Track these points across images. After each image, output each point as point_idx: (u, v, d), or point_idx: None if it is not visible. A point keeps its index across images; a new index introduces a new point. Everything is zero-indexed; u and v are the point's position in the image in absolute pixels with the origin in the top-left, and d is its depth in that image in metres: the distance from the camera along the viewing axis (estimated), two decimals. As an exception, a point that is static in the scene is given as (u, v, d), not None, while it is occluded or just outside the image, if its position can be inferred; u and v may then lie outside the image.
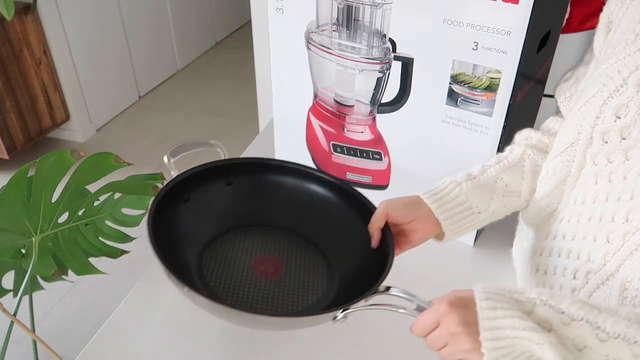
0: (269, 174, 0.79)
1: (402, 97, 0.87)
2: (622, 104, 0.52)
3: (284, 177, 0.79)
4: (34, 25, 2.36)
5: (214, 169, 0.78)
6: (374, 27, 0.83)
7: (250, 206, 0.79)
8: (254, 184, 0.79)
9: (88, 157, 0.99)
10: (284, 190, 0.79)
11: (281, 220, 0.79)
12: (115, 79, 2.90)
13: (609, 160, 0.55)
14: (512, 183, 0.68)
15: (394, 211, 0.66)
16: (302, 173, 0.79)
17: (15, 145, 2.43)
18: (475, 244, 0.93)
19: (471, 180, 0.67)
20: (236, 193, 0.78)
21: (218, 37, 3.83)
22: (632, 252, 0.52)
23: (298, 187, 0.79)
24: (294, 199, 0.79)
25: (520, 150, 0.70)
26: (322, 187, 0.78)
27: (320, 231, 0.77)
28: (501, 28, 0.72)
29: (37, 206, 0.96)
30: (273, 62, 0.99)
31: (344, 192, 0.76)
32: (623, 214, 0.54)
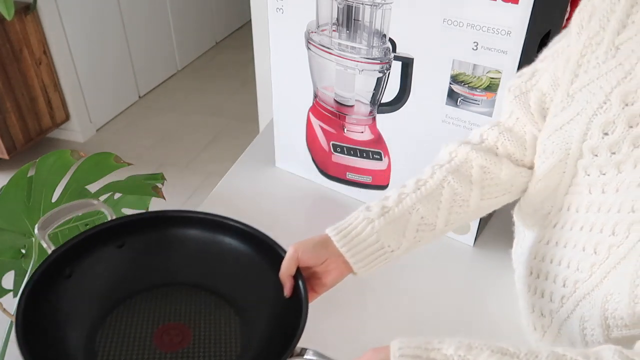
0: (167, 227, 0.72)
1: (402, 97, 0.87)
2: (609, 121, 0.51)
3: (185, 229, 0.72)
4: (34, 25, 2.36)
5: (100, 233, 0.68)
6: (374, 27, 0.83)
7: (149, 267, 0.71)
8: (150, 241, 0.71)
9: (88, 157, 0.99)
10: (187, 244, 0.72)
11: (186, 277, 0.71)
12: (115, 79, 2.90)
13: (602, 172, 0.54)
14: (428, 215, 0.62)
15: (304, 254, 0.62)
16: (206, 222, 0.72)
17: (15, 145, 2.43)
18: (475, 244, 0.93)
19: (384, 215, 0.62)
20: (130, 254, 0.70)
21: (218, 37, 3.83)
22: (616, 265, 0.52)
23: (203, 238, 0.72)
24: (199, 251, 0.71)
25: (441, 176, 0.63)
26: (229, 236, 0.71)
27: (230, 285, 0.70)
28: (501, 28, 0.72)
29: (37, 206, 0.96)
30: (273, 62, 0.99)
31: (254, 239, 0.70)
32: (610, 226, 0.53)
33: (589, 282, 0.55)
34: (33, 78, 2.43)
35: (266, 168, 1.12)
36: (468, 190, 0.63)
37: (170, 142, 2.76)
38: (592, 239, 0.56)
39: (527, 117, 0.63)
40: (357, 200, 1.02)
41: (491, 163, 0.63)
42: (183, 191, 2.39)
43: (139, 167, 2.46)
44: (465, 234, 0.93)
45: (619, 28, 0.52)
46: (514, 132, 0.65)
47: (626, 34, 0.51)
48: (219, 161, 2.59)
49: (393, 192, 0.64)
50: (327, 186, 1.06)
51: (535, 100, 0.61)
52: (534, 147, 0.64)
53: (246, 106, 2.98)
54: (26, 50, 2.35)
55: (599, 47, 0.53)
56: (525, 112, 0.63)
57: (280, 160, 1.12)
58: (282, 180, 1.10)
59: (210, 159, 2.62)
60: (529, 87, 0.63)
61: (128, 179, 1.04)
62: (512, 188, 0.65)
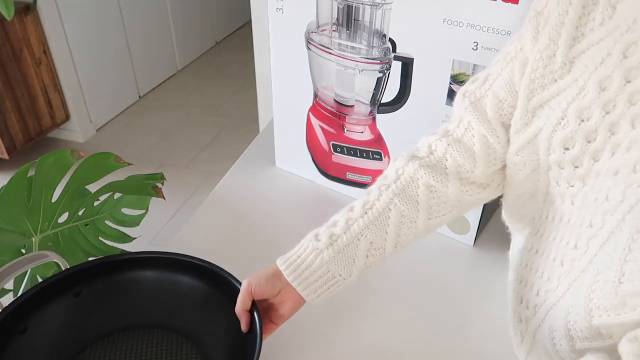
0: (122, 271, 0.71)
1: (402, 97, 0.87)
2: (567, 137, 0.51)
3: (141, 271, 0.72)
4: (34, 25, 2.36)
5: (54, 284, 0.68)
6: (374, 27, 0.83)
7: (107, 312, 0.71)
8: (107, 287, 0.71)
9: (88, 157, 0.99)
10: (144, 285, 0.72)
11: (146, 319, 0.72)
12: (115, 79, 2.90)
13: (570, 184, 0.54)
14: (376, 240, 0.62)
15: (257, 287, 0.63)
16: (161, 261, 0.72)
17: (15, 145, 2.43)
18: (475, 244, 0.93)
19: (333, 244, 0.61)
20: (88, 302, 0.70)
21: (218, 37, 3.83)
22: (576, 277, 0.52)
23: (158, 278, 0.72)
24: (156, 292, 0.72)
25: (387, 199, 0.62)
26: (184, 273, 0.71)
27: (190, 321, 0.71)
28: (501, 28, 0.72)
29: (37, 206, 0.96)
30: (273, 62, 0.99)
31: (209, 274, 0.70)
32: (574, 238, 0.53)
33: (555, 292, 0.56)
34: (33, 78, 2.43)
35: (266, 168, 1.12)
36: (415, 211, 0.62)
37: (170, 142, 2.76)
38: (560, 250, 0.56)
39: (484, 125, 0.60)
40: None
41: (438, 181, 0.61)
42: (183, 191, 2.39)
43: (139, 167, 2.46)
44: (465, 234, 0.93)
45: (570, 41, 0.51)
46: (462, 142, 0.62)
47: (578, 48, 0.50)
48: (219, 161, 2.59)
49: (341, 216, 0.63)
50: (327, 186, 1.06)
51: (492, 107, 0.59)
52: (484, 159, 0.61)
53: (246, 106, 2.98)
54: (26, 50, 2.35)
55: (552, 61, 0.52)
56: (481, 120, 0.60)
57: (280, 160, 1.12)
58: (282, 180, 1.10)
59: (210, 159, 2.62)
60: (483, 93, 0.61)
61: (128, 179, 1.04)
62: (459, 204, 0.64)
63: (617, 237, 0.47)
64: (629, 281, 0.45)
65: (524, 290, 0.63)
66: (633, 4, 0.47)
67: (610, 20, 0.48)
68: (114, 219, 1.11)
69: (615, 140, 0.48)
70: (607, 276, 0.47)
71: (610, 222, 0.48)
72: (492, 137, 0.60)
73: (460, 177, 0.62)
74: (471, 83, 0.63)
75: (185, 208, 2.30)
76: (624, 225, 0.46)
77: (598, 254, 0.50)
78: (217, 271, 0.69)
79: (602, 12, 0.49)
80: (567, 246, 0.55)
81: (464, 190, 0.62)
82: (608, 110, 0.48)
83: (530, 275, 0.62)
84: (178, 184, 2.43)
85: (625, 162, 0.47)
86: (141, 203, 1.11)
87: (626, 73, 0.47)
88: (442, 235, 0.94)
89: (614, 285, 0.46)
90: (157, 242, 2.11)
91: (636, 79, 0.46)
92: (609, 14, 0.48)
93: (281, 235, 0.95)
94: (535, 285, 0.60)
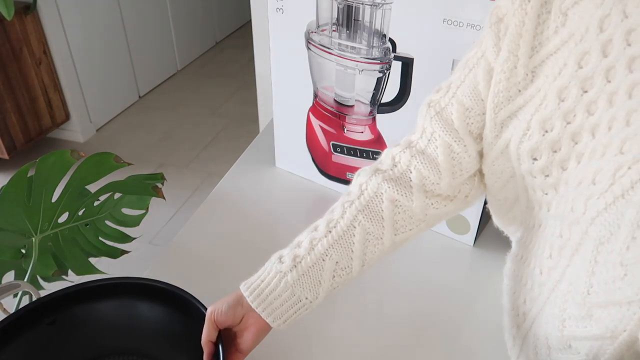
0: (87, 300, 0.71)
1: (402, 97, 0.87)
2: (534, 147, 0.51)
3: (104, 300, 0.71)
4: (34, 25, 2.36)
5: (27, 314, 0.67)
6: (374, 27, 0.83)
7: (78, 341, 0.71)
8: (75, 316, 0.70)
9: (88, 157, 0.99)
10: (105, 314, 0.71)
11: (115, 345, 0.72)
12: (115, 79, 2.90)
13: (544, 192, 0.54)
14: (342, 259, 0.60)
15: (219, 316, 0.61)
16: (124, 287, 0.71)
17: (15, 145, 2.43)
18: (475, 244, 0.93)
19: (297, 266, 0.59)
20: (59, 331, 0.70)
21: (218, 37, 3.83)
22: (554, 287, 0.52)
23: (121, 305, 0.71)
24: (121, 319, 0.71)
25: (351, 216, 0.60)
26: (149, 299, 0.71)
27: (159, 347, 0.71)
28: (501, 28, 0.72)
29: (37, 206, 0.96)
30: (273, 62, 0.99)
31: (174, 298, 0.69)
32: (548, 248, 0.53)
33: (538, 301, 0.56)
34: (33, 78, 2.43)
35: (266, 168, 1.12)
36: (380, 227, 0.60)
37: (170, 142, 2.76)
38: (539, 259, 0.56)
39: (450, 135, 0.58)
40: (357, 200, 1.02)
41: (402, 195, 0.60)
42: (183, 191, 2.39)
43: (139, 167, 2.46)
44: (465, 234, 0.93)
45: (529, 51, 0.50)
46: (426, 154, 0.60)
47: (538, 57, 0.50)
48: (219, 161, 2.59)
49: (305, 236, 0.61)
50: (327, 186, 1.06)
51: (458, 116, 0.58)
52: (448, 170, 0.59)
53: (246, 106, 2.98)
54: (26, 50, 2.35)
55: (514, 72, 0.51)
56: (447, 129, 0.58)
57: (280, 160, 1.12)
58: (282, 180, 1.10)
59: (210, 159, 2.62)
60: (447, 102, 0.59)
61: (128, 179, 1.04)
62: (426, 218, 0.62)
63: (584, 249, 0.47)
64: (595, 293, 0.45)
65: (513, 298, 0.63)
66: (584, 11, 0.46)
67: (563, 28, 0.48)
68: (114, 219, 1.11)
69: (578, 149, 0.47)
70: (577, 287, 0.47)
71: (576, 233, 0.48)
72: (459, 146, 0.58)
73: (425, 190, 0.60)
74: (435, 92, 0.61)
75: (185, 208, 2.30)
76: (587, 237, 0.46)
77: (570, 264, 0.50)
78: (181, 294, 0.68)
79: (555, 19, 0.48)
80: (543, 255, 0.55)
81: (429, 203, 0.61)
82: (569, 121, 0.48)
83: (517, 282, 0.62)
84: (178, 184, 2.43)
85: (586, 173, 0.46)
86: (141, 203, 1.11)
87: (582, 83, 0.46)
88: (442, 235, 0.94)
89: (582, 297, 0.46)
90: (157, 242, 2.11)
91: (592, 89, 0.46)
92: (561, 21, 0.48)
93: (281, 235, 0.95)
94: (522, 293, 0.60)
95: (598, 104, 0.45)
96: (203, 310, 0.64)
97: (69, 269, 1.05)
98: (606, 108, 0.45)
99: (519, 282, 0.61)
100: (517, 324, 0.61)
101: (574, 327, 0.48)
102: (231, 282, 0.67)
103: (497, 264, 0.88)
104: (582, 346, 0.48)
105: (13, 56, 2.31)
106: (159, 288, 0.69)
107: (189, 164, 2.60)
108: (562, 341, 0.51)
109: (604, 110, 0.45)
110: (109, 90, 2.86)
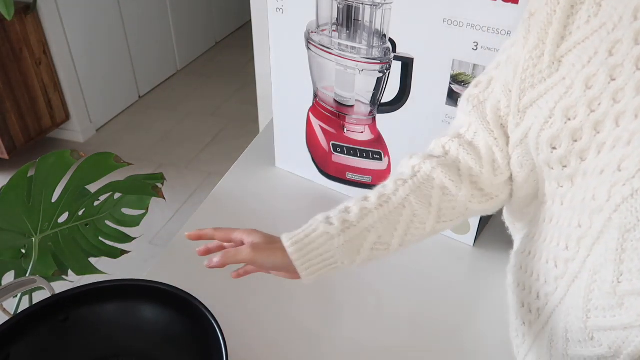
0: (87, 304, 0.71)
1: (402, 97, 0.87)
2: (554, 135, 0.51)
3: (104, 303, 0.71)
4: (34, 25, 2.36)
5: (40, 310, 0.68)
6: (374, 27, 0.83)
7: (87, 341, 0.71)
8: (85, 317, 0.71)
9: (88, 157, 0.99)
10: (104, 318, 0.71)
11: (124, 346, 0.72)
12: (115, 79, 2.90)
13: (559, 185, 0.54)
14: (385, 235, 0.61)
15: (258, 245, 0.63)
16: (127, 290, 0.71)
17: (15, 145, 2.43)
18: (475, 244, 0.93)
19: (345, 232, 0.60)
20: (71, 331, 0.70)
21: (218, 37, 3.83)
22: (574, 279, 0.52)
23: (126, 308, 0.71)
24: (119, 320, 0.72)
25: (404, 194, 0.61)
26: (152, 301, 0.71)
27: (167, 353, 0.71)
28: (501, 28, 0.72)
29: (37, 206, 0.96)
30: (273, 62, 0.99)
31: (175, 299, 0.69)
32: (563, 239, 0.53)
33: (555, 295, 0.56)
34: (33, 78, 2.43)
35: (266, 168, 1.12)
36: (427, 212, 0.61)
37: (170, 142, 2.76)
38: (551, 251, 0.56)
39: (483, 126, 0.61)
40: (357, 200, 1.02)
41: (452, 182, 0.61)
42: (183, 191, 2.39)
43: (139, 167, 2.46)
44: (465, 234, 0.93)
45: (558, 40, 0.51)
46: (472, 146, 0.62)
47: (565, 46, 0.51)
48: (219, 161, 2.59)
49: (354, 204, 0.62)
50: (327, 186, 1.06)
51: (491, 109, 0.60)
52: (490, 164, 0.61)
53: (246, 106, 2.98)
54: (26, 50, 2.35)
55: (541, 60, 0.52)
56: (482, 122, 0.61)
57: (280, 160, 1.12)
58: (282, 180, 1.10)
59: (210, 159, 2.62)
60: (486, 97, 0.61)
61: (128, 179, 1.04)
62: (466, 212, 0.63)
63: (607, 237, 0.47)
64: (628, 280, 0.45)
65: (523, 294, 0.63)
66: (618, 1, 0.47)
67: (595, 18, 0.48)
68: (114, 219, 1.11)
69: (600, 138, 0.48)
70: (604, 276, 0.47)
71: (598, 221, 0.48)
72: (493, 139, 0.60)
73: (472, 181, 0.62)
74: (474, 87, 0.63)
75: (185, 208, 2.30)
76: (611, 224, 0.46)
77: (591, 254, 0.50)
78: (181, 295, 0.68)
79: (588, 9, 0.49)
80: (557, 247, 0.55)
81: (472, 195, 0.62)
82: (593, 109, 0.48)
83: (527, 279, 0.62)
84: (178, 184, 2.43)
85: (609, 161, 0.47)
86: (141, 203, 1.11)
87: (611, 71, 0.47)
88: (442, 235, 0.94)
89: (612, 285, 0.46)
90: (157, 242, 2.11)
91: (620, 77, 0.46)
92: (594, 11, 0.48)
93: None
94: (534, 288, 0.60)
95: (625, 92, 0.46)
96: (206, 312, 0.64)
97: (69, 269, 1.05)
98: (633, 95, 0.45)
99: (529, 278, 0.61)
100: (529, 320, 0.61)
101: (601, 317, 0.48)
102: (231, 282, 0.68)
103: (497, 264, 0.88)
104: (606, 337, 0.48)
105: (13, 56, 2.30)
106: (163, 290, 0.70)
107: (189, 164, 2.60)
108: (584, 333, 0.50)
109: (630, 98, 0.45)
110: (109, 90, 2.86)
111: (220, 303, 0.71)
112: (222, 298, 0.76)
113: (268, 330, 0.79)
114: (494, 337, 0.76)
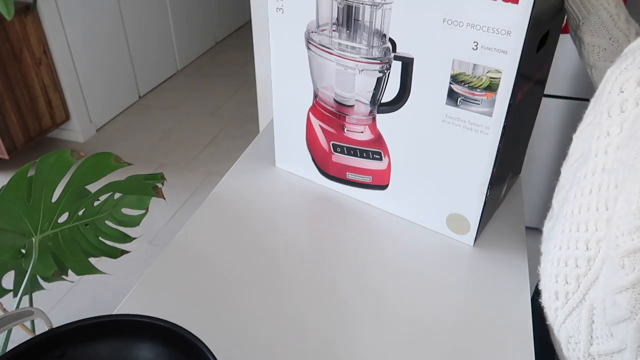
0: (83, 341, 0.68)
1: (402, 97, 0.87)
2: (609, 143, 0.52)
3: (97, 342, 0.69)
4: (34, 25, 2.36)
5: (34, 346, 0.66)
6: (374, 27, 0.83)
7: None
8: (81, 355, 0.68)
9: (88, 157, 0.99)
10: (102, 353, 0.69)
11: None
12: (115, 79, 2.90)
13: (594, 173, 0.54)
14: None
15: None
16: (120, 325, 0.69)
17: (15, 145, 2.43)
18: (475, 244, 0.93)
19: None
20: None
21: (218, 37, 3.83)
22: (597, 276, 0.52)
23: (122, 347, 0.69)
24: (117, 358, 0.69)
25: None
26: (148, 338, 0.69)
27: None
28: (501, 28, 0.72)
29: (37, 206, 0.96)
30: (273, 62, 0.99)
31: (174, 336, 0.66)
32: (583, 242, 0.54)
33: (576, 294, 0.56)
34: (33, 78, 2.43)
35: (266, 168, 1.12)
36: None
37: (170, 142, 2.76)
38: (571, 254, 0.56)
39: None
40: (357, 200, 1.02)
41: None
42: (183, 191, 2.39)
43: (139, 167, 2.46)
44: (465, 234, 0.93)
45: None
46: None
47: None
48: (219, 161, 2.59)
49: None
50: (327, 186, 1.06)
51: None
52: None
53: (246, 106, 2.98)
54: (26, 50, 2.35)
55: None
56: None
57: (280, 160, 1.12)
58: (282, 180, 1.10)
59: (210, 159, 2.62)
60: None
61: (128, 179, 1.04)
62: None
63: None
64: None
65: (549, 284, 0.62)
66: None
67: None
68: (114, 219, 1.11)
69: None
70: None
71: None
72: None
73: None
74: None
75: (185, 208, 2.30)
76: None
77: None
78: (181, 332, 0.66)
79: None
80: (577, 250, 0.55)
81: None
82: None
83: (552, 269, 0.61)
84: (178, 184, 2.43)
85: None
86: (141, 203, 1.11)
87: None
88: (442, 235, 0.94)
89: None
90: (157, 242, 2.11)
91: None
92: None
93: (281, 235, 0.95)
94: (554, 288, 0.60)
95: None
96: (206, 351, 0.63)
97: (69, 269, 1.05)
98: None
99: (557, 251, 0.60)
100: (555, 307, 0.60)
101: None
102: (231, 282, 0.67)
103: (497, 264, 0.88)
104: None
105: (13, 56, 2.31)
106: (161, 327, 0.68)
107: (189, 164, 2.60)
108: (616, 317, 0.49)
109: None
110: (109, 90, 2.86)
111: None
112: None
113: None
114: (494, 336, 0.76)
